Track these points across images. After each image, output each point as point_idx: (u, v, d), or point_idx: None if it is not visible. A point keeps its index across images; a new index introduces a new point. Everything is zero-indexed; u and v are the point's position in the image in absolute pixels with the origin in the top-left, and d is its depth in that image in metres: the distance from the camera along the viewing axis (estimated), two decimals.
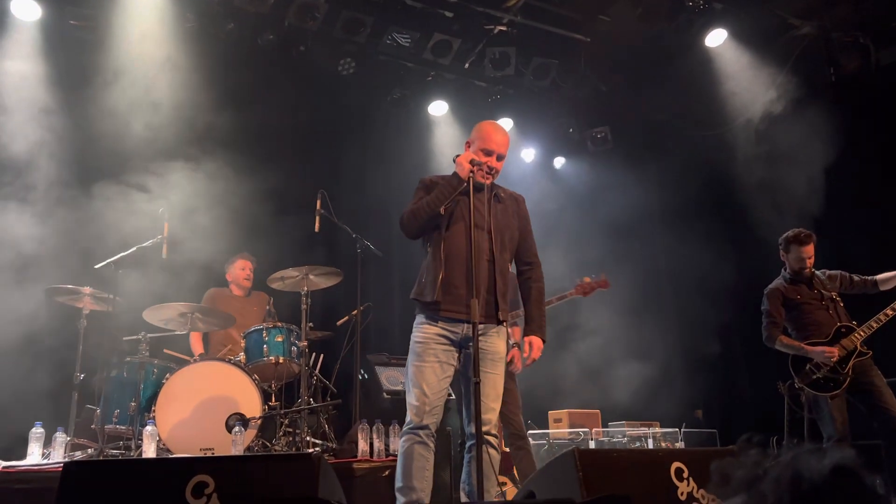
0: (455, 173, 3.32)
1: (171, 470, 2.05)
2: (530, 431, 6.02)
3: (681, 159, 7.46)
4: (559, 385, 7.19)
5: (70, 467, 2.02)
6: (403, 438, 3.23)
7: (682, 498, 2.51)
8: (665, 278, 7.54)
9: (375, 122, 7.57)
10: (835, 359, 4.51)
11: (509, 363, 4.00)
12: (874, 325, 4.55)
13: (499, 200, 3.47)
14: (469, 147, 3.49)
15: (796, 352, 4.66)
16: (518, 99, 7.77)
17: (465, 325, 3.27)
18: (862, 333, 4.56)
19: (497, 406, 3.34)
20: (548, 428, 6.19)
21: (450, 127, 7.75)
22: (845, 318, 4.68)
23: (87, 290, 4.83)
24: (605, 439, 5.85)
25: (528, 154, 8.37)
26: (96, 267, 5.04)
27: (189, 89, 6.05)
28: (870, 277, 4.77)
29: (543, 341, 3.47)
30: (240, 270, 5.85)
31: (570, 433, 5.85)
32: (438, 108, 7.68)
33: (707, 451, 2.56)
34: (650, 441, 5.71)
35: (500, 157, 3.43)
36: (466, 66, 7.31)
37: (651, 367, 7.04)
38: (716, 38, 6.88)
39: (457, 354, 3.33)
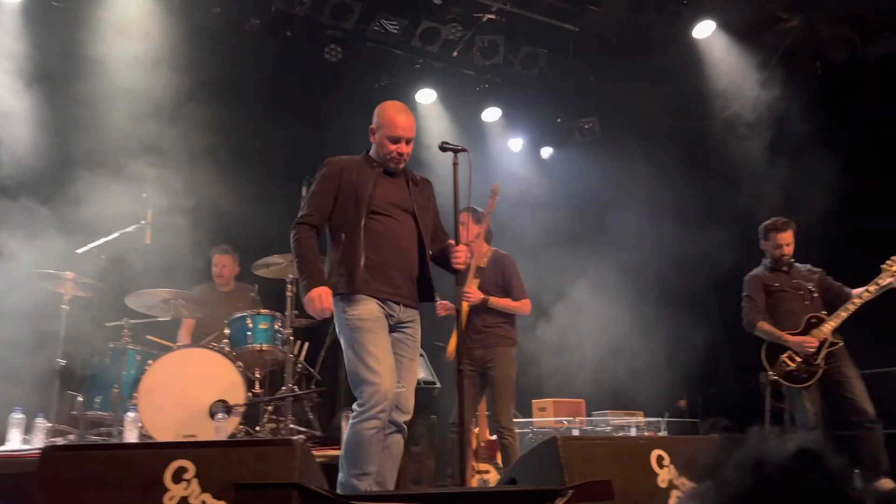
0: (304, 287, 3.14)
1: (149, 454, 2.03)
2: (516, 420, 6.04)
3: (668, 150, 7.47)
4: (544, 374, 7.21)
5: (48, 452, 2.00)
6: (363, 423, 3.00)
7: (663, 485, 2.53)
8: (650, 268, 7.56)
9: (362, 110, 7.48)
10: (814, 349, 4.56)
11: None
12: (843, 314, 4.60)
13: (415, 184, 3.43)
14: (374, 135, 3.38)
15: (775, 339, 4.70)
16: (506, 88, 7.75)
17: (399, 306, 3.21)
18: (832, 324, 4.61)
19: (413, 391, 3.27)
20: (532, 417, 6.21)
21: (438, 115, 7.72)
22: (817, 310, 4.73)
23: (69, 275, 4.79)
24: (589, 428, 5.89)
25: (516, 144, 8.36)
26: (79, 252, 4.99)
27: (174, 74, 5.97)
28: (846, 290, 4.79)
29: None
30: (213, 267, 5.74)
31: (555, 422, 5.87)
32: (426, 97, 7.64)
33: (687, 439, 2.58)
34: (633, 430, 5.75)
35: (408, 141, 3.36)
36: (455, 54, 7.26)
37: (636, 356, 7.07)
38: (704, 29, 6.89)
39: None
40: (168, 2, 6.15)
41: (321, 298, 3.09)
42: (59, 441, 4.59)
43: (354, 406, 3.09)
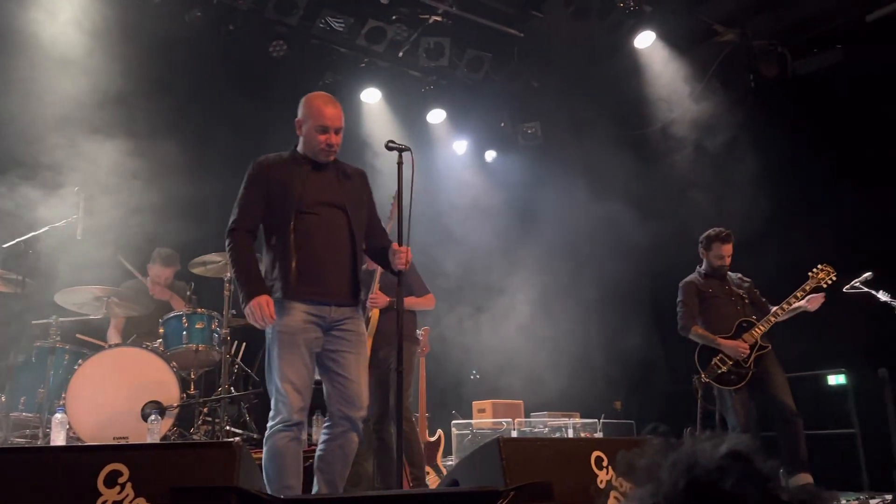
0: (244, 297, 3.08)
1: (81, 458, 1.96)
2: (455, 421, 6.07)
3: (608, 157, 7.63)
4: (483, 376, 7.28)
5: None
6: (277, 436, 3.00)
7: (602, 486, 2.58)
8: (588, 273, 7.70)
9: None
10: (747, 353, 4.73)
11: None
12: (773, 319, 4.80)
13: (347, 177, 3.34)
14: (301, 128, 3.29)
15: (709, 343, 4.86)
16: (451, 90, 7.78)
17: (330, 307, 3.14)
18: (762, 328, 4.80)
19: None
20: (472, 418, 6.25)
21: (383, 114, 7.69)
22: (748, 314, 4.91)
23: None
24: (528, 429, 5.96)
25: (461, 146, 8.40)
26: (4, 246, 4.78)
27: (109, 63, 5.77)
28: (769, 307, 4.97)
29: None
30: (156, 276, 5.49)
31: (494, 423, 5.92)
32: (371, 96, 7.60)
33: (625, 441, 2.64)
34: (570, 431, 5.84)
35: (337, 131, 3.26)
36: (400, 54, 7.26)
37: (573, 358, 7.19)
38: (644, 39, 7.07)
39: (322, 338, 3.16)
40: None
41: (262, 307, 3.03)
42: None
43: (269, 416, 3.08)
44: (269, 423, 3.07)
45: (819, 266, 4.79)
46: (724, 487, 1.04)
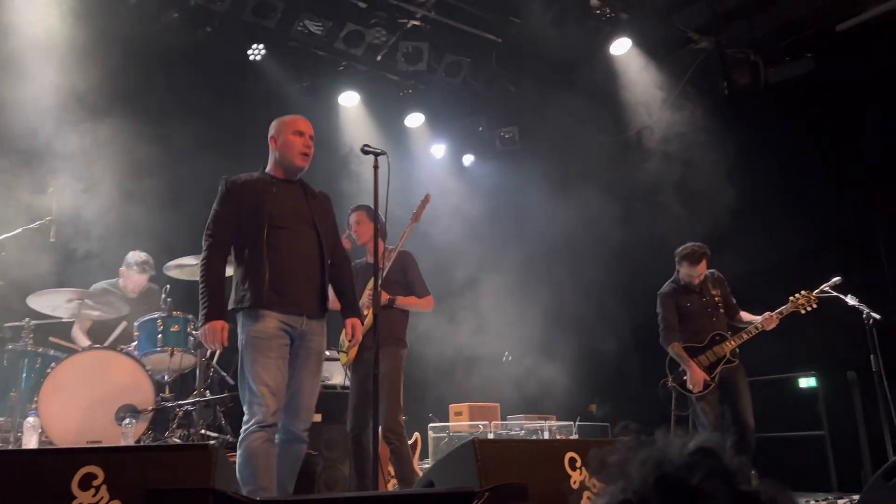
0: (203, 317, 3.23)
1: (54, 460, 1.95)
2: (432, 424, 6.08)
3: (585, 162, 7.70)
4: (460, 378, 7.29)
5: None
6: (252, 437, 3.09)
7: (575, 486, 2.61)
8: (564, 277, 7.76)
9: (283, 110, 7.37)
10: (698, 390, 4.84)
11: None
12: (745, 336, 4.92)
13: (314, 196, 3.52)
14: (275, 142, 3.46)
15: (682, 362, 4.96)
16: (430, 94, 7.81)
17: (302, 318, 3.28)
18: (732, 343, 4.91)
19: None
20: (449, 421, 6.26)
21: (361, 118, 7.70)
22: (722, 327, 5.00)
23: None
24: (504, 432, 5.98)
25: (438, 150, 8.42)
26: None
27: (85, 63, 5.71)
28: (739, 314, 5.10)
29: (362, 320, 3.68)
30: (131, 282, 5.37)
31: (470, 426, 5.94)
32: (349, 99, 7.61)
33: (597, 442, 2.67)
34: (546, 433, 5.88)
35: (311, 137, 3.48)
36: (379, 58, 7.28)
37: (550, 361, 7.24)
38: (620, 46, 7.16)
39: (289, 348, 3.29)
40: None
41: (217, 332, 3.19)
42: None
43: (243, 420, 3.18)
44: (244, 426, 3.15)
45: (802, 292, 4.87)
46: (693, 483, 1.07)
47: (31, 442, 4.14)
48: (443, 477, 2.58)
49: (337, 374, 5.72)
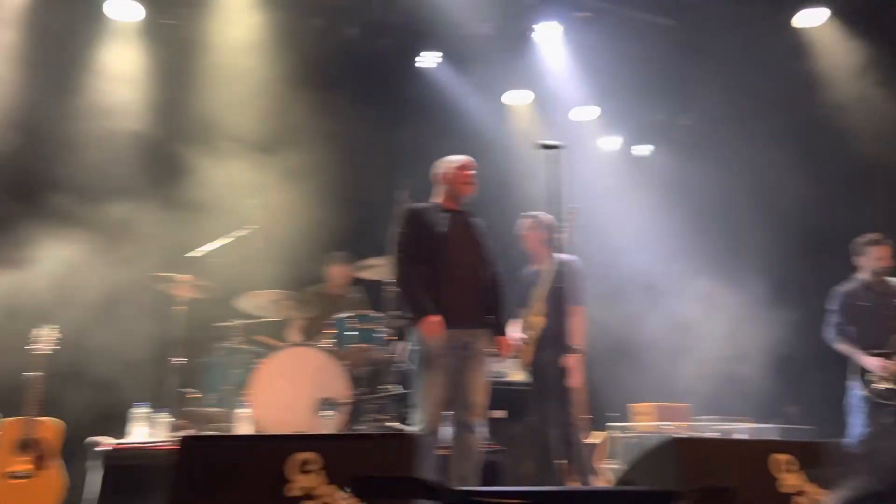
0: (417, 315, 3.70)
1: (277, 445, 2.12)
2: (613, 424, 5.93)
3: (769, 147, 7.16)
4: (642, 377, 7.06)
5: (187, 441, 2.13)
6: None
7: (786, 490, 2.43)
8: (754, 272, 7.25)
9: (455, 113, 7.57)
10: (887, 372, 4.39)
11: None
12: None
13: (474, 223, 4.01)
14: (443, 178, 3.98)
15: (851, 356, 4.64)
16: (600, 85, 7.63)
17: (467, 330, 3.74)
18: None
19: None
20: (632, 421, 6.09)
21: (529, 115, 7.72)
22: None
23: (185, 277, 5.05)
24: (695, 434, 5.70)
25: (612, 142, 8.21)
26: (193, 255, 5.25)
27: (283, 85, 6.23)
28: None
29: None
30: (338, 276, 5.73)
31: (657, 426, 5.72)
32: (519, 98, 7.63)
33: (813, 443, 2.47)
34: (744, 436, 5.53)
35: (474, 168, 3.98)
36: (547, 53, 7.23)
37: (739, 360, 6.82)
38: (812, 17, 6.71)
39: (456, 354, 3.71)
40: (272, 12, 6.41)
41: (435, 324, 3.64)
42: (180, 434, 4.84)
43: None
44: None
45: None
46: None
47: (243, 431, 4.54)
48: (641, 476, 2.50)
49: (517, 372, 5.75)
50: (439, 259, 3.75)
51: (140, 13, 6.41)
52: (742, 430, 5.58)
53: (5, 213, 5.50)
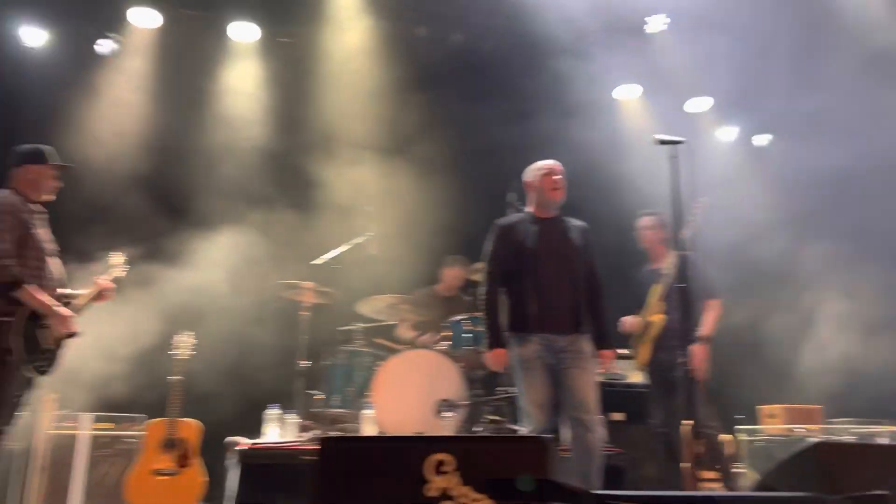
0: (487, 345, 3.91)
1: (413, 447, 2.18)
2: (740, 427, 5.69)
3: None
4: (768, 377, 6.74)
5: (328, 442, 2.23)
6: None
7: None
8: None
9: (561, 113, 7.49)
10: None
11: None
12: None
13: (570, 231, 3.94)
14: (531, 187, 3.98)
15: None
16: (713, 76, 7.35)
17: (560, 336, 3.73)
18: None
19: None
20: (760, 424, 5.81)
21: (641, 110, 7.56)
22: None
23: (308, 284, 5.28)
24: (829, 437, 5.36)
25: (729, 132, 7.90)
26: (315, 263, 5.48)
27: (395, 87, 6.40)
28: None
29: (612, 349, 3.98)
30: (452, 278, 5.86)
31: (787, 429, 5.44)
32: (628, 92, 7.51)
33: None
34: (886, 440, 5.16)
35: (561, 173, 3.94)
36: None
37: (872, 361, 6.38)
38: None
39: (553, 359, 3.74)
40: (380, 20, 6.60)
41: (497, 358, 3.83)
42: (307, 435, 5.06)
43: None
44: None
45: None
46: None
47: (368, 431, 4.68)
48: (782, 482, 2.41)
49: (636, 374, 5.63)
50: (528, 273, 3.78)
51: (256, 33, 6.76)
52: (884, 434, 5.20)
53: (149, 229, 5.90)
